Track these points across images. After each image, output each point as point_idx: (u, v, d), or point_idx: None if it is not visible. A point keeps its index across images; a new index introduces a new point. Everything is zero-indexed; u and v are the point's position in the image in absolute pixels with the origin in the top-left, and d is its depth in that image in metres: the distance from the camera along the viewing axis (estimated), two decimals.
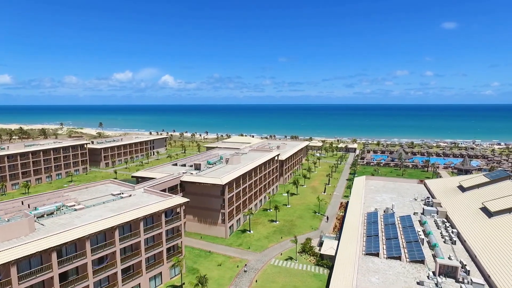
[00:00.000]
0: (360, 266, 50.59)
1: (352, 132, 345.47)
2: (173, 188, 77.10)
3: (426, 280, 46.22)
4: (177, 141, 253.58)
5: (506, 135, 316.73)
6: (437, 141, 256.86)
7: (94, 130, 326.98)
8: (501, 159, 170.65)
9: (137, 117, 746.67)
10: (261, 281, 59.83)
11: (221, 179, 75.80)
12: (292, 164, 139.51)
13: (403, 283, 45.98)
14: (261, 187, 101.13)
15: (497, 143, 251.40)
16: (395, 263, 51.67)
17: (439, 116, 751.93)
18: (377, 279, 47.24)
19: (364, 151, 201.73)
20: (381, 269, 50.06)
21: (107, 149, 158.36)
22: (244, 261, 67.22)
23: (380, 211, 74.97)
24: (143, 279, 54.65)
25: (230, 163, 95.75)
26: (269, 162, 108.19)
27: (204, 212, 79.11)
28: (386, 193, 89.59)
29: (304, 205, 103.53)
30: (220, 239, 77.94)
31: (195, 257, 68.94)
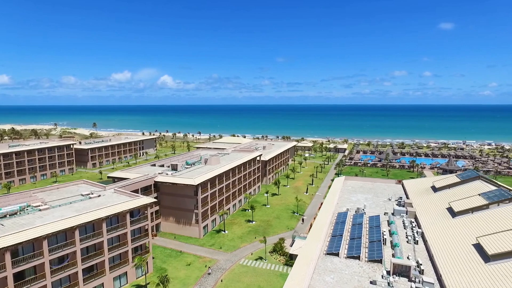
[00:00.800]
0: (318, 265, 51.17)
1: (347, 133, 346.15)
2: (147, 189, 77.75)
3: (379, 280, 46.81)
4: (169, 141, 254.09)
5: (500, 135, 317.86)
6: (428, 142, 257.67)
7: (88, 130, 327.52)
8: (488, 159, 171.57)
9: (134, 117, 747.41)
10: (226, 280, 60.40)
11: (194, 179, 76.35)
12: (277, 164, 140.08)
13: (357, 282, 46.56)
14: (240, 187, 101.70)
15: (488, 143, 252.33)
16: (353, 263, 52.23)
17: (436, 116, 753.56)
18: (332, 278, 47.82)
19: (353, 152, 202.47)
20: (338, 268, 50.64)
21: (94, 150, 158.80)
22: (214, 261, 67.80)
23: (352, 211, 75.53)
24: (107, 279, 55.17)
25: (209, 163, 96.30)
26: (250, 162, 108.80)
27: (178, 213, 79.65)
28: (362, 193, 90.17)
29: (284, 206, 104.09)
30: (194, 239, 78.48)
31: (166, 257, 69.47)
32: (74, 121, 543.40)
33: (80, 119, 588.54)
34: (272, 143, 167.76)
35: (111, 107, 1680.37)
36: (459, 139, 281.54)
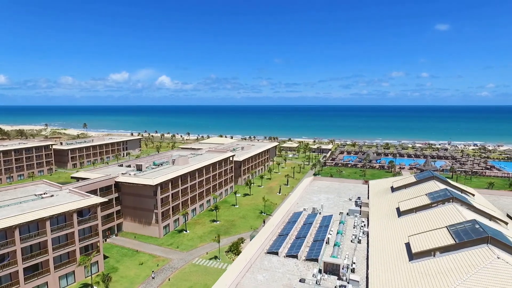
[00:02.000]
0: (255, 264, 52.03)
1: (341, 133, 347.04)
2: (107, 188, 78.61)
3: (309, 278, 47.70)
4: (156, 142, 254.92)
5: (491, 136, 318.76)
6: (414, 142, 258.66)
7: (78, 131, 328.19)
8: (467, 160, 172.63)
9: (130, 118, 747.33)
10: (174, 279, 61.27)
11: (153, 180, 77.25)
12: (254, 165, 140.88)
13: (287, 280, 47.44)
14: (209, 188, 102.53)
15: (473, 144, 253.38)
16: (290, 262, 53.10)
17: (432, 117, 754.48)
18: (263, 276, 48.70)
19: (335, 152, 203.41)
20: (274, 267, 51.52)
21: (75, 150, 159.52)
22: (167, 260, 68.67)
23: (308, 211, 76.49)
24: (51, 278, 55.98)
25: (176, 164, 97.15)
26: (220, 163, 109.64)
27: (139, 212, 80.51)
28: (326, 194, 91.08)
29: (253, 206, 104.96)
30: (154, 238, 79.32)
31: (121, 256, 70.32)
32: (70, 121, 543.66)
33: (75, 120, 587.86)
34: (253, 143, 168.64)
35: (109, 108, 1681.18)
36: (449, 140, 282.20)
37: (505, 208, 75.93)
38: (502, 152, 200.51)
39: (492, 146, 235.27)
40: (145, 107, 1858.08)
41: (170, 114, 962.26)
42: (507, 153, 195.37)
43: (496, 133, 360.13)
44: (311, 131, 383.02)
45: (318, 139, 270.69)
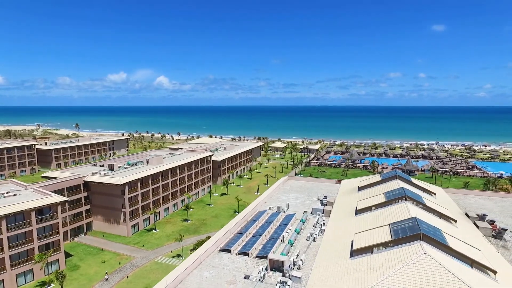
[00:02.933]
0: (205, 261, 52.89)
1: (334, 133, 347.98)
2: (76, 188, 79.41)
3: (253, 274, 48.62)
4: (146, 142, 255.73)
5: (482, 136, 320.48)
6: (402, 142, 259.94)
7: (70, 131, 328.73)
8: (450, 160, 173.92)
9: (126, 118, 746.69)
10: (132, 277, 62.16)
11: (120, 179, 78.15)
12: (235, 164, 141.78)
13: (231, 277, 48.29)
14: (184, 187, 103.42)
15: (461, 144, 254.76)
16: (240, 259, 53.97)
17: (426, 118, 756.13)
18: (210, 273, 49.57)
19: (320, 152, 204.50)
20: (223, 264, 52.40)
21: (59, 150, 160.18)
22: (130, 259, 69.55)
23: (273, 210, 77.42)
24: (8, 276, 56.73)
25: (150, 163, 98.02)
26: (196, 162, 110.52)
27: (108, 212, 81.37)
28: (296, 193, 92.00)
29: (228, 205, 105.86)
30: (122, 237, 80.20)
31: (85, 254, 71.17)
32: (65, 121, 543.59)
33: (71, 120, 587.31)
34: (238, 143, 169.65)
35: (107, 108, 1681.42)
36: (437, 140, 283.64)
37: (468, 207, 76.98)
38: (487, 152, 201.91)
39: (479, 146, 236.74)
40: (143, 108, 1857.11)
41: (168, 114, 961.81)
42: (492, 153, 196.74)
43: (488, 133, 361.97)
44: (305, 131, 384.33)
45: (307, 139, 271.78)
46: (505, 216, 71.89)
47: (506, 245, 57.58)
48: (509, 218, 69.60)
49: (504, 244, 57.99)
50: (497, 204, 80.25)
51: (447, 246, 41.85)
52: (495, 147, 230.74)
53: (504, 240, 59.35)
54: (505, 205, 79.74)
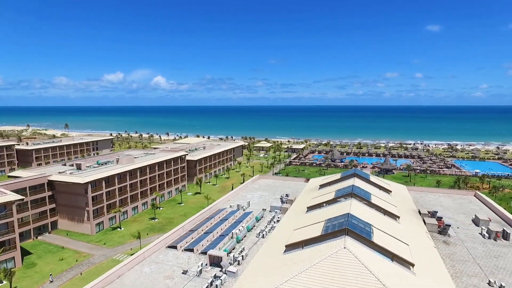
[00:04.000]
0: (149, 257, 54.09)
1: (326, 133, 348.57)
2: (40, 187, 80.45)
3: (192, 269, 49.84)
4: (133, 142, 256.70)
5: (470, 136, 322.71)
6: (388, 142, 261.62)
7: (60, 131, 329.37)
8: (430, 159, 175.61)
9: (122, 118, 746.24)
10: (86, 274, 63.28)
11: (83, 178, 79.31)
12: (213, 164, 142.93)
13: (170, 272, 49.49)
14: (154, 186, 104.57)
15: (447, 143, 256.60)
16: (185, 255, 55.15)
17: (421, 117, 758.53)
18: (150, 269, 50.72)
19: (303, 151, 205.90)
20: (166, 260, 53.58)
21: (40, 150, 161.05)
22: (89, 256, 70.70)
23: (233, 208, 78.68)
24: None
25: (120, 163, 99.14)
26: (169, 162, 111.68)
27: (72, 210, 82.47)
28: (262, 191, 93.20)
29: (199, 204, 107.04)
30: (86, 236, 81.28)
31: (45, 252, 72.27)
32: (58, 122, 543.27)
33: (64, 120, 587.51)
34: (219, 143, 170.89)
35: (104, 108, 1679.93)
36: (422, 139, 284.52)
37: (426, 204, 78.38)
38: (469, 151, 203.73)
39: (463, 145, 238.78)
40: (141, 108, 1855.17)
41: (165, 114, 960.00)
42: (473, 152, 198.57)
43: (478, 133, 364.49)
44: (299, 131, 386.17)
45: (294, 139, 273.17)
46: (458, 213, 73.50)
47: (448, 240, 59.18)
48: (461, 215, 71.20)
49: (446, 240, 59.59)
50: (455, 202, 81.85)
51: (371, 241, 43.09)
52: (478, 146, 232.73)
53: (448, 236, 60.96)
54: (462, 203, 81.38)
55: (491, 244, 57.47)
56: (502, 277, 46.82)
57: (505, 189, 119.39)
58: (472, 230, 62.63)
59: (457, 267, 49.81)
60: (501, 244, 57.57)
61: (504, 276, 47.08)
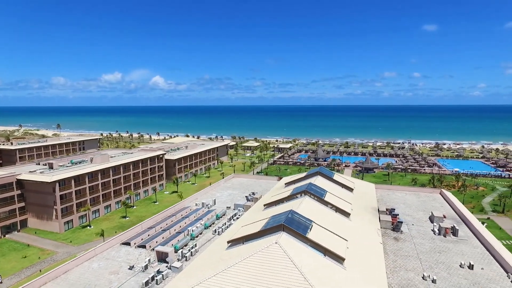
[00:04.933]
0: (101, 254, 55.14)
1: (318, 133, 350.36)
2: (9, 186, 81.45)
3: (139, 265, 50.91)
4: (122, 142, 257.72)
5: (459, 135, 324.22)
6: (376, 141, 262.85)
7: (52, 131, 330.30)
8: (413, 158, 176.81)
9: (117, 118, 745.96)
10: (45, 271, 64.29)
11: (50, 177, 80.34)
12: (194, 163, 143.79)
13: (117, 268, 50.57)
14: (129, 185, 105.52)
15: (435, 142, 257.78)
16: (136, 251, 56.15)
17: (416, 117, 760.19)
18: (99, 265, 51.73)
19: (289, 151, 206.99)
20: (117, 256, 54.56)
21: (24, 150, 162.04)
22: (52, 253, 71.74)
23: (199, 205, 79.78)
24: None
25: (94, 162, 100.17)
26: (145, 161, 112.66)
27: (41, 209, 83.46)
28: (233, 190, 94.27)
29: (174, 202, 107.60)
30: (54, 234, 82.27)
31: (9, 250, 73.22)
32: (52, 122, 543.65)
33: (60, 121, 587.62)
34: (202, 143, 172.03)
35: (102, 108, 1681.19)
36: (409, 138, 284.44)
37: (390, 202, 79.57)
38: (455, 150, 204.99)
39: (450, 144, 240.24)
40: (139, 108, 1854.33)
41: (161, 114, 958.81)
42: (458, 151, 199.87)
43: (469, 132, 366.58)
44: (291, 130, 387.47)
45: (284, 138, 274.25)
46: (419, 210, 74.70)
47: (399, 236, 60.38)
48: (420, 212, 72.38)
49: (398, 236, 60.79)
50: (420, 200, 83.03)
51: (305, 236, 44.13)
52: (465, 145, 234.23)
53: (401, 232, 62.20)
54: (426, 200, 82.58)
55: (439, 240, 58.72)
56: (437, 271, 48.04)
57: (479, 187, 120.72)
58: (425, 227, 63.83)
59: (398, 262, 50.99)
60: (448, 240, 58.86)
61: (440, 271, 48.29)
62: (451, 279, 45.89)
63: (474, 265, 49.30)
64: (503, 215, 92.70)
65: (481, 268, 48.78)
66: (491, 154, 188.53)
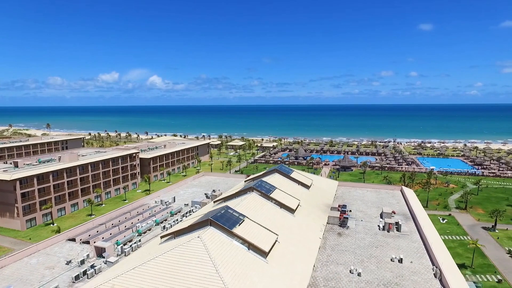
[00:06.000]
0: (44, 250, 55.76)
1: (309, 132, 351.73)
2: None
3: (76, 259, 51.75)
4: (107, 141, 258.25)
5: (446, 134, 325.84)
6: (361, 140, 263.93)
7: (41, 131, 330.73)
8: (392, 156, 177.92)
9: (111, 118, 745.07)
10: None
11: (10, 175, 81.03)
12: (170, 162, 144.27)
13: (56, 263, 51.35)
14: (99, 183, 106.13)
15: (421, 141, 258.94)
16: (79, 247, 56.69)
17: (414, 116, 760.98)
18: (37, 260, 52.28)
19: (269, 150, 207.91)
20: (58, 252, 55.13)
21: (3, 150, 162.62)
22: (8, 250, 72.56)
23: (157, 203, 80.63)
24: None
25: (62, 161, 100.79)
26: (116, 160, 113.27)
27: (2, 207, 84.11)
28: (198, 188, 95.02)
29: None
30: (15, 231, 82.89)
31: None
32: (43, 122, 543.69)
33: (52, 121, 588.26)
34: (183, 142, 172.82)
35: (100, 108, 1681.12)
36: (395, 137, 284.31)
37: (349, 198, 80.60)
38: (437, 149, 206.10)
39: (436, 143, 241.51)
40: (136, 108, 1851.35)
41: (157, 114, 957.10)
42: (439, 150, 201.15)
43: (456, 130, 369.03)
44: (283, 129, 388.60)
45: (271, 137, 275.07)
46: (373, 206, 75.84)
47: (343, 232, 61.59)
48: (374, 209, 73.49)
49: (342, 231, 61.99)
50: (379, 196, 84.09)
51: (231, 231, 45.03)
52: (449, 144, 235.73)
53: (347, 228, 63.32)
54: (384, 197, 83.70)
55: (381, 235, 59.76)
56: (367, 265, 49.10)
57: (450, 184, 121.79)
58: (373, 223, 64.86)
59: (333, 256, 52.00)
60: (390, 235, 59.88)
61: (370, 264, 49.34)
62: (377, 272, 46.93)
63: (404, 259, 50.39)
64: (465, 211, 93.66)
65: (410, 262, 49.87)
66: (472, 152, 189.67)
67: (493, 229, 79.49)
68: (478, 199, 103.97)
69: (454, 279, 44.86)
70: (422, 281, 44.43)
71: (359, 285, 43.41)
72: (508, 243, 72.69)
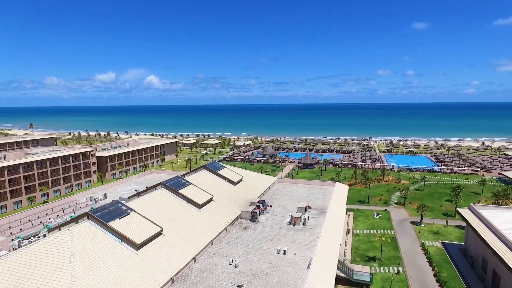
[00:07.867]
0: None
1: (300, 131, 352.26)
2: None
3: None
4: (85, 141, 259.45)
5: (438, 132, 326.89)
6: (338, 138, 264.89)
7: (24, 131, 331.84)
8: (360, 154, 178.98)
9: (105, 118, 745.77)
10: None
11: None
12: (131, 160, 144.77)
13: None
14: (47, 181, 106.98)
15: (397, 139, 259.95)
16: None
17: (411, 114, 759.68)
18: None
19: (241, 148, 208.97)
20: None
21: None
22: None
23: (87, 200, 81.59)
24: None
25: (7, 159, 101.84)
26: (66, 158, 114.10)
27: None
28: (138, 185, 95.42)
29: None
30: None
31: None
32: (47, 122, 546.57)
33: (46, 121, 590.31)
34: (150, 141, 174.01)
35: (98, 108, 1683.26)
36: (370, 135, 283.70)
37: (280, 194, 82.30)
38: (408, 147, 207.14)
39: (411, 140, 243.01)
40: (133, 107, 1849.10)
41: (152, 114, 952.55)
42: (408, 147, 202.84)
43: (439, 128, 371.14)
44: (277, 129, 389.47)
45: (248, 136, 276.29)
46: (297, 201, 77.11)
47: (251, 226, 63.36)
48: (295, 204, 74.20)
49: (249, 225, 63.76)
50: (310, 192, 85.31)
51: (106, 224, 46.04)
52: (422, 141, 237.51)
53: (256, 222, 64.66)
54: (314, 192, 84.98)
55: (285, 229, 60.99)
56: (250, 257, 50.30)
57: (401, 180, 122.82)
58: (286, 217, 65.90)
59: (225, 249, 53.31)
60: (294, 229, 61.16)
61: (253, 256, 50.60)
62: (256, 263, 48.17)
63: (289, 251, 51.58)
64: (403, 207, 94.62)
65: (294, 254, 51.03)
66: (439, 150, 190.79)
67: (419, 223, 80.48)
68: (422, 195, 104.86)
69: (322, 269, 45.99)
70: (292, 271, 45.65)
71: (230, 275, 44.59)
72: (427, 236, 73.69)
